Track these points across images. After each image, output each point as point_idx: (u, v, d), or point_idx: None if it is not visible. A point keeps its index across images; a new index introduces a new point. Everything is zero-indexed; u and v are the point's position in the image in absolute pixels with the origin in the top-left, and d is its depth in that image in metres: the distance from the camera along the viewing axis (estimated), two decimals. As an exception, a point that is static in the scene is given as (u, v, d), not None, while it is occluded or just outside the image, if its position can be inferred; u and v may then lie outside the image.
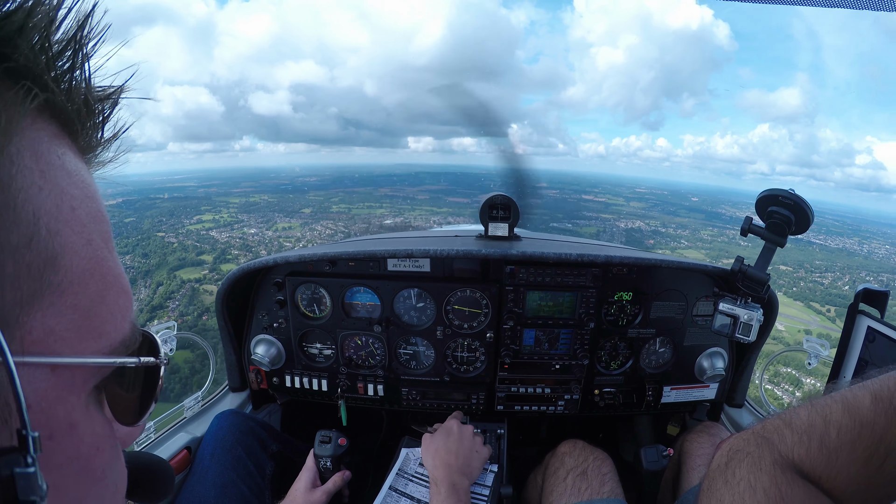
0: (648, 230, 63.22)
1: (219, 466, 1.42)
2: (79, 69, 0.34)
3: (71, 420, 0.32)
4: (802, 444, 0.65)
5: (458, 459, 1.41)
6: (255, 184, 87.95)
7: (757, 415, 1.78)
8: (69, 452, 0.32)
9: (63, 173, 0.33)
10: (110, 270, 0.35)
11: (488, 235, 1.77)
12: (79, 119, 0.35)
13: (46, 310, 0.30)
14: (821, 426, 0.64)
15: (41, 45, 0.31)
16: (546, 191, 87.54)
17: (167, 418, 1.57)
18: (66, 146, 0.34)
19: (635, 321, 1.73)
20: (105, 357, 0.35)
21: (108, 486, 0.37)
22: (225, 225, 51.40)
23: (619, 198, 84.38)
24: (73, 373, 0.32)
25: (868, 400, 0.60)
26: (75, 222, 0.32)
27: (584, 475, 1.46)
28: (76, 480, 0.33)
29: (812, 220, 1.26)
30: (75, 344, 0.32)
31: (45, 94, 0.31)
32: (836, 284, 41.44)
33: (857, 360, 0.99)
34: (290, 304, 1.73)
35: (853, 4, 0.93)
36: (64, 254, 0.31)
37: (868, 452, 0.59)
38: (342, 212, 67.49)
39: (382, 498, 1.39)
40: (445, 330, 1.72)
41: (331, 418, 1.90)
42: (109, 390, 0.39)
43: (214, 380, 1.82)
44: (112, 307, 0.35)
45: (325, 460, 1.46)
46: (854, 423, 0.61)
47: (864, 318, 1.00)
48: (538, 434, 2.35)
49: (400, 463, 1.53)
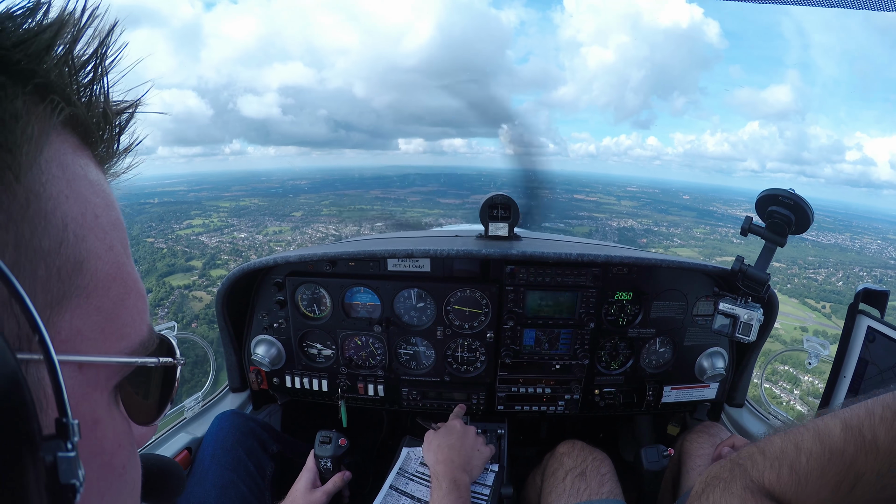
0: (641, 229, 63.02)
1: (219, 467, 1.42)
2: (98, 83, 0.36)
3: (95, 416, 0.34)
4: (773, 469, 0.67)
5: (460, 456, 1.42)
6: (245, 188, 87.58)
7: (757, 414, 1.78)
8: (93, 448, 0.34)
9: (86, 183, 0.35)
10: (129, 275, 0.37)
11: (488, 235, 1.77)
12: (98, 131, 0.37)
13: (74, 311, 0.32)
14: (792, 453, 0.66)
15: (66, 61, 0.33)
16: (537, 191, 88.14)
17: (167, 418, 1.57)
18: (88, 157, 0.36)
19: (635, 321, 1.73)
20: (127, 357, 0.37)
21: (128, 483, 0.38)
22: (215, 230, 50.91)
23: (610, 197, 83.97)
24: (98, 371, 0.34)
25: (839, 428, 0.62)
26: (98, 229, 0.34)
27: (583, 476, 1.46)
28: (99, 475, 0.35)
29: (812, 219, 1.26)
30: (100, 344, 0.34)
31: (70, 108, 0.33)
32: (829, 280, 41.37)
33: (857, 360, 0.99)
34: (290, 305, 1.72)
35: (853, 4, 0.93)
36: (89, 259, 0.33)
37: (837, 479, 0.61)
38: (333, 214, 67.21)
39: (383, 497, 1.39)
40: (445, 330, 1.72)
41: (331, 419, 1.90)
42: (127, 391, 0.41)
43: (214, 380, 1.82)
44: (132, 310, 0.37)
45: (325, 461, 1.46)
46: (824, 450, 0.62)
47: (864, 317, 1.00)
48: (538, 434, 2.35)
49: (401, 462, 1.53)
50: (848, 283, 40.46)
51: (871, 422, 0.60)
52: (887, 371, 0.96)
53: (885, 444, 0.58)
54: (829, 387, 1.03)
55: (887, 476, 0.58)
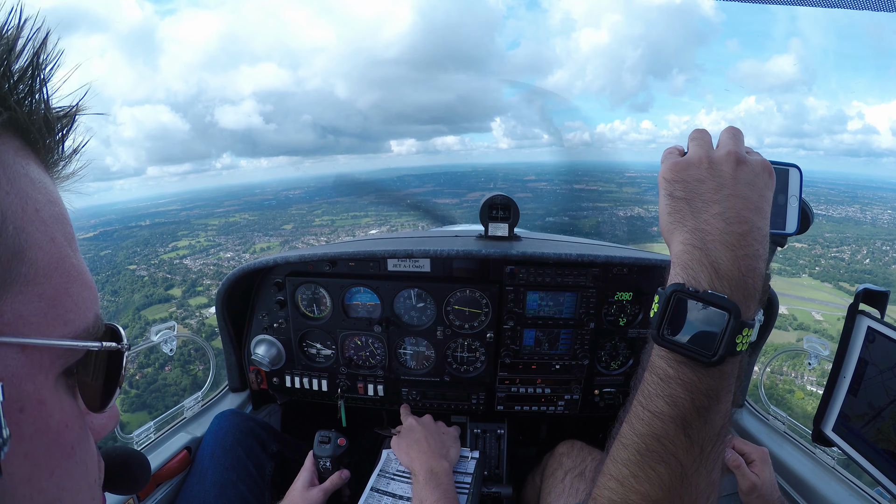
0: (649, 217, 62.26)
1: (218, 467, 1.42)
2: (38, 92, 0.38)
3: (40, 396, 0.36)
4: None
5: (429, 445, 1.45)
6: (238, 202, 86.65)
7: (757, 415, 1.78)
8: (39, 425, 0.36)
9: (27, 180, 0.37)
10: (73, 267, 0.40)
11: (488, 235, 1.77)
12: (40, 136, 0.39)
13: (15, 297, 0.34)
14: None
15: (2, 74, 0.35)
16: (536, 184, 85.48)
17: (167, 418, 1.57)
18: (31, 159, 0.38)
19: (635, 321, 1.73)
20: (70, 341, 0.39)
21: (79, 464, 0.40)
22: (201, 251, 49.74)
23: (610, 184, 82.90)
24: (42, 354, 0.36)
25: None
26: (39, 222, 0.36)
27: (582, 476, 1.46)
28: (47, 452, 0.37)
29: (812, 219, 1.26)
30: (42, 328, 0.36)
31: (7, 112, 0.35)
32: (856, 259, 39.80)
33: (857, 360, 0.99)
34: (290, 305, 1.73)
35: (853, 4, 0.93)
36: (29, 248, 0.35)
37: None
38: (325, 224, 66.04)
39: (364, 499, 1.39)
40: (445, 330, 1.72)
41: (331, 419, 1.90)
42: (79, 378, 0.43)
43: (214, 380, 1.82)
44: (76, 298, 0.39)
45: (323, 460, 1.46)
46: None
47: (864, 318, 1.00)
48: (538, 434, 2.35)
49: (381, 464, 1.53)
50: (875, 261, 39.15)
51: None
52: (887, 372, 0.96)
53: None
54: (829, 387, 1.03)
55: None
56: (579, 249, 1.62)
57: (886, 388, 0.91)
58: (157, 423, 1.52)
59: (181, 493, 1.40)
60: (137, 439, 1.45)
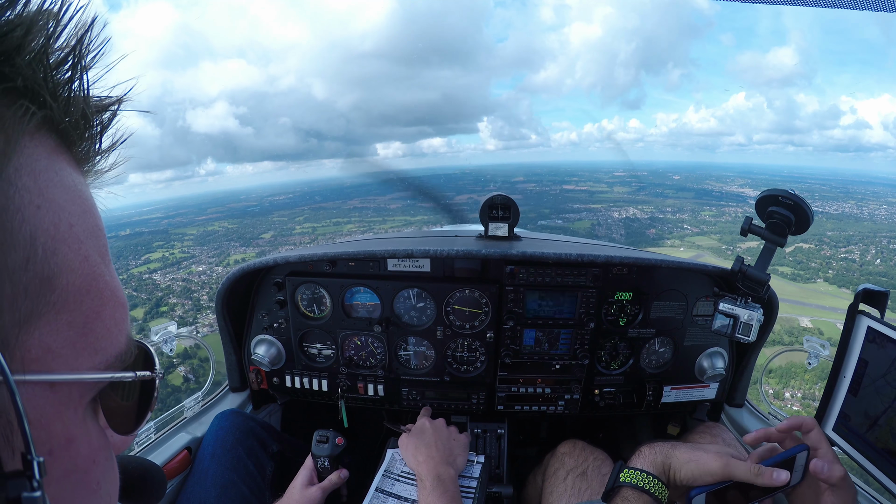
0: (645, 218, 61.24)
1: (219, 467, 1.42)
2: (77, 81, 0.34)
3: (69, 435, 0.33)
4: None
5: (438, 451, 1.43)
6: (221, 208, 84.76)
7: (757, 414, 1.78)
8: (66, 466, 0.33)
9: (61, 189, 0.33)
10: (107, 285, 0.36)
11: (488, 235, 1.77)
12: (76, 131, 0.35)
13: (44, 328, 0.30)
14: None
15: (39, 61, 0.31)
16: (524, 185, 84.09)
17: (167, 418, 1.57)
18: (65, 160, 0.34)
19: (635, 321, 1.73)
20: (101, 373, 0.35)
21: (103, 497, 0.37)
22: (172, 264, 48.24)
23: (600, 184, 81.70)
24: (71, 389, 0.33)
25: None
26: (73, 240, 0.32)
27: (584, 476, 1.46)
28: (73, 493, 0.34)
29: (812, 219, 1.26)
30: (72, 360, 0.32)
31: (43, 111, 0.31)
32: (866, 259, 39.47)
33: (857, 360, 0.99)
34: (290, 305, 1.73)
35: (853, 4, 0.92)
36: (61, 273, 0.31)
37: None
38: (306, 232, 64.53)
39: (369, 500, 1.39)
40: (445, 330, 1.72)
41: (331, 418, 1.90)
42: (105, 401, 0.39)
43: (214, 380, 1.82)
44: (108, 322, 0.35)
45: (322, 460, 1.46)
46: None
47: (864, 318, 1.00)
48: (538, 434, 2.35)
49: (386, 464, 1.53)
50: (885, 260, 38.92)
51: None
52: (887, 372, 0.96)
53: None
54: (829, 387, 1.03)
55: None
56: (579, 249, 1.62)
57: (887, 388, 0.91)
58: (157, 423, 1.52)
59: (182, 493, 1.40)
60: (138, 439, 1.45)
